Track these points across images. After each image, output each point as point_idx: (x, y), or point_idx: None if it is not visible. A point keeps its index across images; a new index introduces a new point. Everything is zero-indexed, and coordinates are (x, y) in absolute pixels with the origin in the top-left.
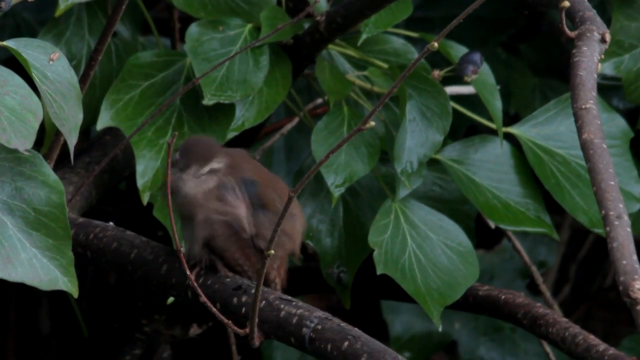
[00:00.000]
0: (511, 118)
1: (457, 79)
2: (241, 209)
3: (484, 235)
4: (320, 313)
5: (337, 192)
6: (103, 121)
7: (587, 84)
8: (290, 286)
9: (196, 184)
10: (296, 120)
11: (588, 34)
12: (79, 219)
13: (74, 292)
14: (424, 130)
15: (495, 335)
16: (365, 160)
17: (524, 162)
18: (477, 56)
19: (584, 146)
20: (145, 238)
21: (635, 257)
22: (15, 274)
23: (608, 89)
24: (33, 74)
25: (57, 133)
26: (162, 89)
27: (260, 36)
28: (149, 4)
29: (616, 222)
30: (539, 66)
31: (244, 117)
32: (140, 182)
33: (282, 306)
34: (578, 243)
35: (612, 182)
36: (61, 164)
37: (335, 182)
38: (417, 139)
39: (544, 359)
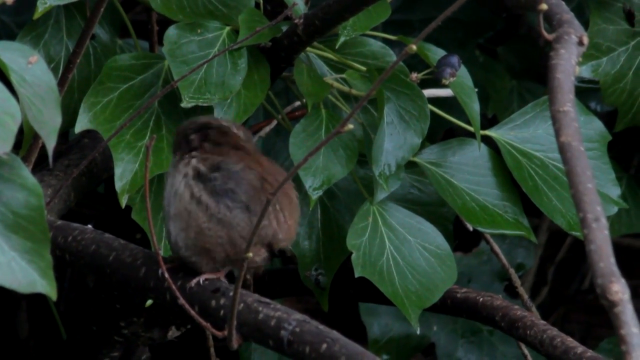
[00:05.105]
0: (489, 121)
1: (435, 82)
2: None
3: (461, 238)
4: (298, 315)
5: (315, 195)
6: (81, 124)
7: (564, 87)
8: (269, 289)
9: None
10: (274, 123)
11: (566, 37)
12: (58, 221)
13: (53, 295)
14: (402, 132)
15: (474, 338)
16: (343, 163)
17: (502, 164)
18: (455, 59)
19: (562, 149)
20: (123, 241)
21: (612, 259)
22: None
23: (586, 91)
24: (11, 77)
25: (36, 136)
26: (141, 91)
27: (238, 39)
28: (127, 6)
29: (594, 225)
30: (516, 69)
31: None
32: (118, 184)
33: (261, 309)
34: (556, 246)
35: (590, 185)
36: (40, 166)
37: (313, 185)
38: (395, 141)
39: None
